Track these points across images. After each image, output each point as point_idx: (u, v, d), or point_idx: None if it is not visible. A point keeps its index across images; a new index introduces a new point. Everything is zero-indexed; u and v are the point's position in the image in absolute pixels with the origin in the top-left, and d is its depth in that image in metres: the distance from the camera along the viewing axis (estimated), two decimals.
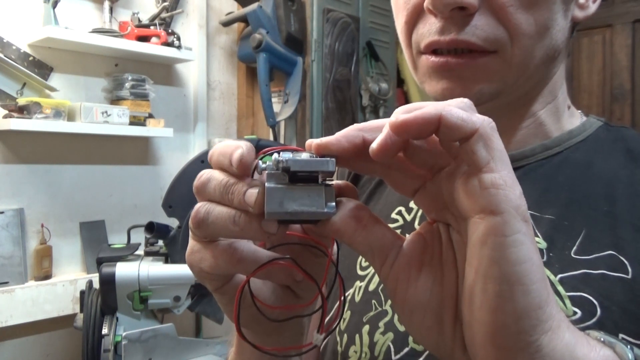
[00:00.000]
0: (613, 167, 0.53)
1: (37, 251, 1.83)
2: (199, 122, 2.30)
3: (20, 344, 1.84)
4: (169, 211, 1.55)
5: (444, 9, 0.49)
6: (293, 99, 2.15)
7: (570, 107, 0.59)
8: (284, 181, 0.32)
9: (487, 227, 0.30)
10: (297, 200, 0.32)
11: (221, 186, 0.34)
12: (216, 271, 0.36)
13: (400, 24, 0.55)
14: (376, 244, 0.35)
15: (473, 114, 0.31)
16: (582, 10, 0.55)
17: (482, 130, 0.31)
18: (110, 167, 2.07)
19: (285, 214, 0.32)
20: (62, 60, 1.92)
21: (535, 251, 0.31)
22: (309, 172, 0.32)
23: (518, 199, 0.31)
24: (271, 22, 2.11)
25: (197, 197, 0.36)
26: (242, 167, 0.33)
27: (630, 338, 0.43)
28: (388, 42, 2.55)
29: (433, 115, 0.30)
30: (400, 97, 2.76)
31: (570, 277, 0.46)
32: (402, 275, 0.35)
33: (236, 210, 0.34)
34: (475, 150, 0.31)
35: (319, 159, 0.32)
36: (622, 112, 2.97)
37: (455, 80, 0.51)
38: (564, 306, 0.45)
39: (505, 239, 0.30)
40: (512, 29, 0.49)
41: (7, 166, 1.81)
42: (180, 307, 1.57)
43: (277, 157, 0.32)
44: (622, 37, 2.97)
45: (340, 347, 0.55)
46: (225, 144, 0.35)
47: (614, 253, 0.47)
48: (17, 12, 1.82)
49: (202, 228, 0.35)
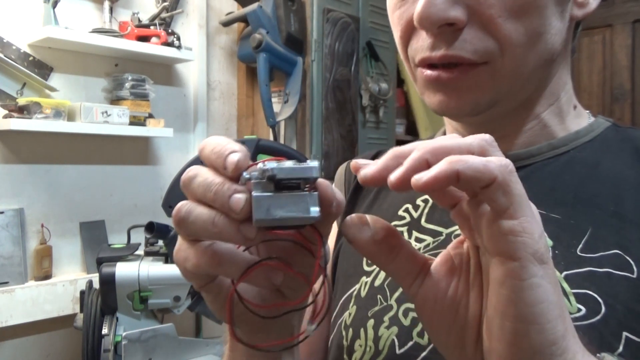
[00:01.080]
0: (620, 168, 0.53)
1: (37, 251, 1.83)
2: (199, 122, 2.30)
3: (20, 344, 1.84)
4: (169, 211, 1.55)
5: (431, 27, 0.49)
6: (293, 99, 2.15)
7: (577, 107, 0.59)
8: (270, 189, 0.33)
9: (505, 270, 0.32)
10: (283, 207, 0.33)
11: (206, 184, 0.34)
12: (198, 271, 0.37)
13: (396, 38, 0.56)
14: (405, 269, 0.37)
15: (490, 160, 0.32)
16: (581, 9, 0.54)
17: (500, 179, 0.31)
18: (110, 167, 2.07)
19: (272, 221, 0.33)
20: (62, 60, 1.92)
21: (552, 291, 0.33)
22: (293, 180, 0.33)
23: (536, 244, 0.32)
24: (271, 22, 2.11)
25: (184, 192, 0.36)
26: (236, 172, 0.33)
27: (633, 336, 0.43)
28: (388, 42, 2.55)
29: (450, 173, 0.31)
30: (400, 97, 2.76)
31: (575, 274, 0.47)
32: (429, 295, 0.37)
33: (216, 212, 0.34)
34: (495, 199, 0.32)
35: (303, 166, 0.33)
36: (622, 112, 2.97)
37: (450, 92, 0.52)
38: (569, 303, 0.45)
39: (522, 282, 0.32)
40: (502, 39, 0.49)
41: (7, 166, 1.81)
42: (180, 307, 1.57)
43: (262, 166, 0.33)
44: (622, 37, 2.97)
45: (345, 341, 0.55)
46: (219, 141, 0.35)
47: (620, 252, 0.47)
48: (17, 12, 1.82)
49: (182, 227, 0.35)
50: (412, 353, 0.49)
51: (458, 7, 0.48)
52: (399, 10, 0.54)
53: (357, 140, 2.39)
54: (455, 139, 0.33)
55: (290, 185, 0.33)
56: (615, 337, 0.43)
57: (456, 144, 0.33)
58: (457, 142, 0.33)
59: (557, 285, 0.33)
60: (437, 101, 0.53)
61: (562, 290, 0.45)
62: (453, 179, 0.31)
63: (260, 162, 0.34)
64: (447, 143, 0.33)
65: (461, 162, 0.31)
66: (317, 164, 0.34)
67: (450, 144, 0.33)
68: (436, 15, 0.48)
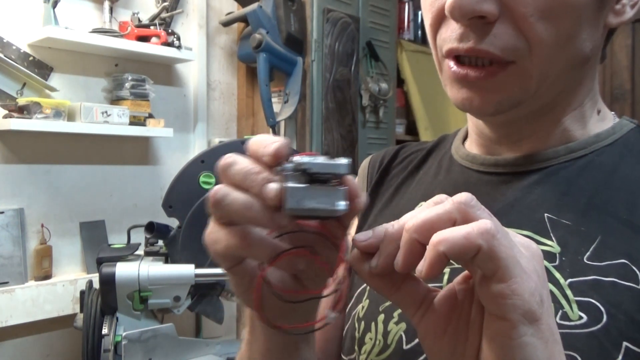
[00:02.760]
0: (639, 173, 0.52)
1: (37, 251, 1.83)
2: (199, 122, 2.30)
3: (20, 344, 1.84)
4: (169, 211, 1.55)
5: (462, 18, 0.48)
6: (293, 99, 2.15)
7: (601, 111, 0.58)
8: (303, 181, 0.36)
9: (496, 328, 0.34)
10: (314, 198, 0.36)
11: (244, 172, 0.36)
12: (228, 252, 0.39)
13: (427, 26, 0.55)
14: (408, 300, 0.39)
15: (471, 231, 0.33)
16: (617, 17, 0.53)
17: (485, 247, 0.33)
18: (110, 167, 2.07)
19: (303, 211, 0.35)
20: (62, 60, 1.92)
21: (542, 348, 0.34)
22: (325, 174, 0.36)
23: (526, 304, 0.33)
24: (271, 22, 2.11)
25: (219, 177, 0.38)
26: (275, 157, 0.36)
27: (634, 347, 0.43)
28: (388, 42, 2.55)
29: (440, 257, 0.33)
30: (400, 97, 2.76)
31: (580, 282, 0.47)
32: (431, 328, 0.39)
33: (252, 197, 0.36)
34: (482, 266, 0.33)
35: (334, 162, 0.36)
36: (622, 112, 2.96)
37: (475, 90, 0.52)
38: (571, 310, 0.45)
39: (511, 341, 0.34)
40: (532, 39, 0.48)
41: (7, 166, 1.81)
42: (180, 307, 1.57)
43: (297, 159, 0.36)
44: (622, 37, 2.97)
45: (357, 333, 0.57)
46: (262, 136, 0.38)
47: (627, 262, 0.46)
48: (17, 12, 1.82)
49: (218, 208, 0.37)
50: (418, 349, 0.50)
51: (491, 1, 0.48)
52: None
53: (357, 140, 2.39)
54: (436, 210, 0.35)
55: (320, 179, 0.36)
56: (615, 347, 0.43)
57: (437, 216, 0.35)
58: (438, 214, 0.35)
59: (549, 340, 0.35)
60: (460, 98, 0.53)
61: (565, 298, 0.46)
62: (445, 260, 0.33)
63: (296, 155, 0.37)
64: (429, 217, 0.35)
65: (444, 242, 0.33)
66: (346, 161, 0.36)
67: (432, 217, 0.35)
68: (468, 6, 0.47)
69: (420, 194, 0.62)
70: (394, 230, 0.37)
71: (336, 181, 0.37)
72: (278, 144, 0.36)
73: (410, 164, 0.68)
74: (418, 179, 0.65)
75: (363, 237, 0.39)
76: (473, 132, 0.62)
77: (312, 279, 0.42)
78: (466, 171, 0.60)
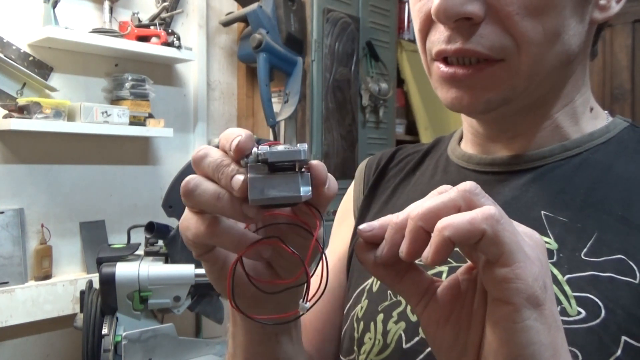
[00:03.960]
0: (634, 170, 0.53)
1: (37, 251, 1.83)
2: (199, 122, 2.30)
3: (20, 344, 1.84)
4: (169, 211, 1.55)
5: (447, 20, 0.49)
6: (293, 99, 2.15)
7: (594, 109, 0.59)
8: (264, 171, 0.36)
9: (500, 313, 0.34)
10: (275, 187, 0.36)
11: (214, 164, 0.37)
12: (197, 240, 0.40)
13: (416, 31, 0.56)
14: (411, 290, 0.40)
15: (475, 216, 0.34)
16: (602, 12, 0.54)
17: (489, 232, 0.33)
18: (110, 167, 2.07)
19: (266, 200, 0.36)
20: (62, 60, 1.92)
21: (545, 333, 0.34)
22: (285, 162, 0.36)
23: (530, 288, 0.34)
24: (271, 22, 2.11)
25: (193, 168, 0.39)
26: (237, 151, 0.36)
27: (633, 341, 0.43)
28: (388, 42, 2.55)
29: (445, 242, 0.34)
30: (400, 97, 2.76)
31: (578, 278, 0.47)
32: (433, 317, 0.39)
33: (221, 189, 0.37)
34: (486, 251, 0.34)
35: (292, 149, 0.36)
36: (622, 112, 2.97)
37: (464, 89, 0.52)
38: (569, 306, 0.46)
39: (515, 325, 0.34)
40: (519, 37, 0.49)
41: (7, 166, 1.81)
42: (180, 307, 1.57)
43: (256, 150, 0.36)
44: (622, 37, 2.97)
45: (356, 333, 0.57)
46: (231, 129, 0.39)
47: (624, 258, 0.47)
48: (17, 12, 1.82)
49: (189, 198, 0.38)
50: (418, 348, 0.51)
51: (476, 2, 0.49)
52: (419, 3, 0.54)
53: (357, 140, 2.39)
54: (441, 198, 0.36)
55: (284, 167, 0.36)
56: (614, 341, 0.43)
57: (442, 204, 0.35)
58: (443, 201, 0.35)
59: (552, 325, 0.35)
60: (450, 97, 0.53)
61: (563, 293, 0.46)
62: (450, 246, 0.34)
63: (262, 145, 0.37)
64: (435, 205, 0.36)
65: (449, 227, 0.33)
66: (305, 146, 0.37)
67: (437, 205, 0.35)
68: (453, 9, 0.48)
69: (418, 194, 0.62)
70: (399, 220, 0.38)
71: (305, 167, 0.37)
72: (239, 139, 0.37)
73: (407, 166, 0.69)
74: (415, 180, 0.66)
75: (368, 228, 0.39)
76: (468, 132, 0.62)
77: (286, 269, 0.42)
78: (463, 171, 0.61)
